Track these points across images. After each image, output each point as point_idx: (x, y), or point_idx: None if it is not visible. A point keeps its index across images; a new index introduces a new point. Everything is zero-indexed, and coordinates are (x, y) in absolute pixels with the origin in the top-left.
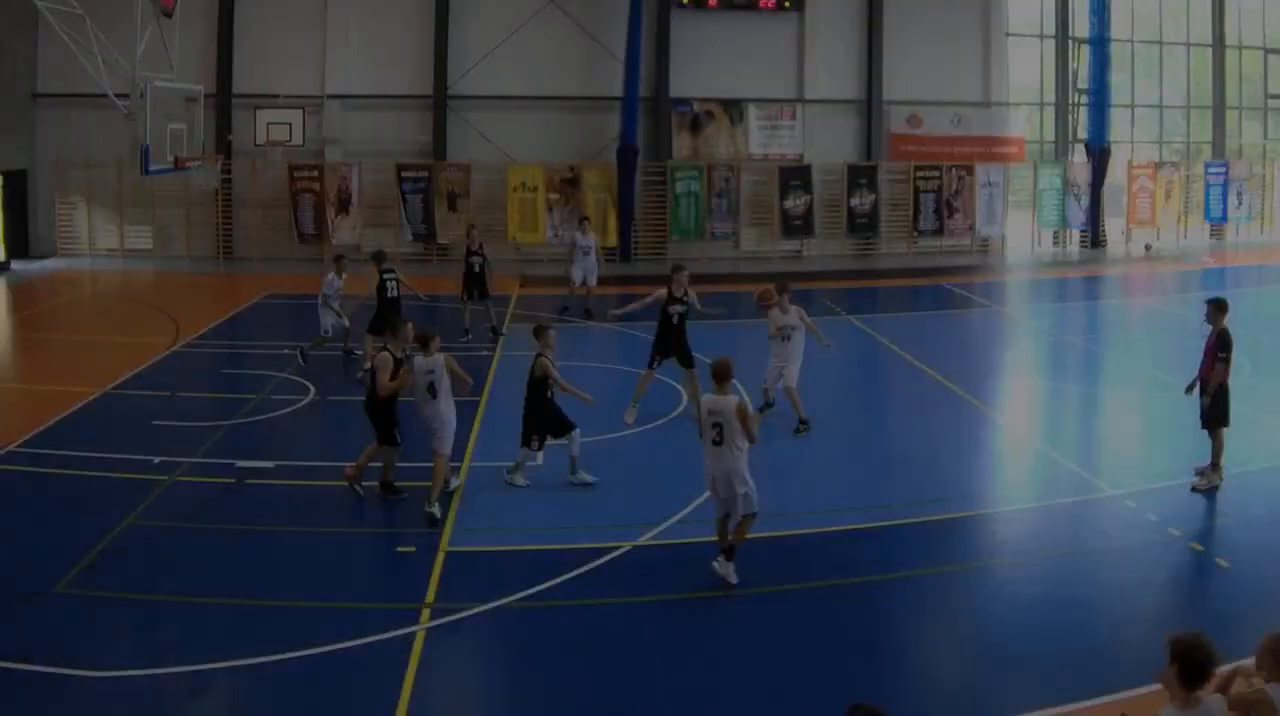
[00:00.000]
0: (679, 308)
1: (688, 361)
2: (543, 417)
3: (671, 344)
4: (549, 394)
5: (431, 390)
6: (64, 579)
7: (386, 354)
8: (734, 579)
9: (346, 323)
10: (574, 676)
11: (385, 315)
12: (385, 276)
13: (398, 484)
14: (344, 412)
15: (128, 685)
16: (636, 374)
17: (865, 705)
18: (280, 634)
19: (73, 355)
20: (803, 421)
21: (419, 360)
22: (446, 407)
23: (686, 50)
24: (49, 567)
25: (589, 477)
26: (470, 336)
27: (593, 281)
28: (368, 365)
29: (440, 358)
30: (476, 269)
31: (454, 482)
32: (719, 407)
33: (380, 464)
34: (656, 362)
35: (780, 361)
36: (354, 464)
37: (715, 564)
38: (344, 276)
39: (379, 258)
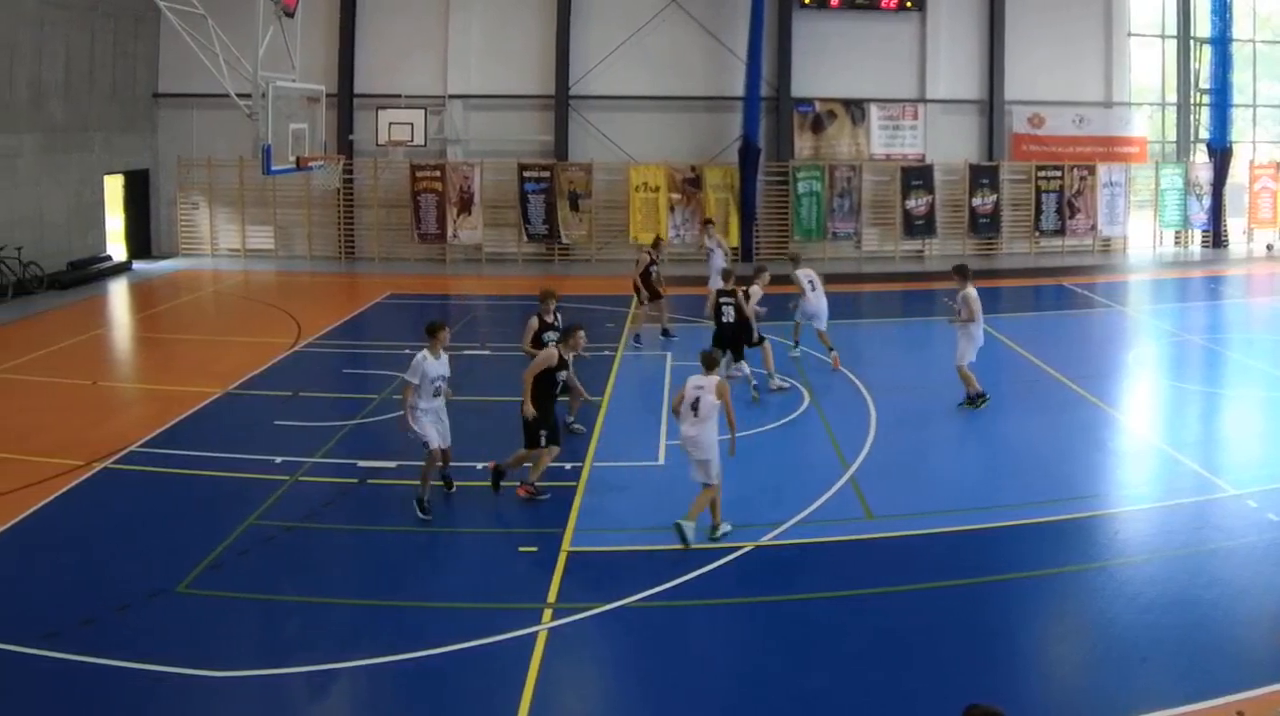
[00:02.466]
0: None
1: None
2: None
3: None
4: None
5: (695, 408)
6: (186, 579)
7: (554, 351)
8: None
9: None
10: (695, 676)
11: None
12: (722, 300)
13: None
14: (466, 412)
15: (249, 685)
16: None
17: (983, 705)
18: (402, 634)
19: (195, 355)
20: (969, 397)
21: (691, 378)
22: (704, 431)
23: (808, 50)
24: (170, 567)
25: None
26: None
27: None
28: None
29: (712, 380)
30: (655, 277)
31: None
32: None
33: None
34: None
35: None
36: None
37: None
38: (443, 356)
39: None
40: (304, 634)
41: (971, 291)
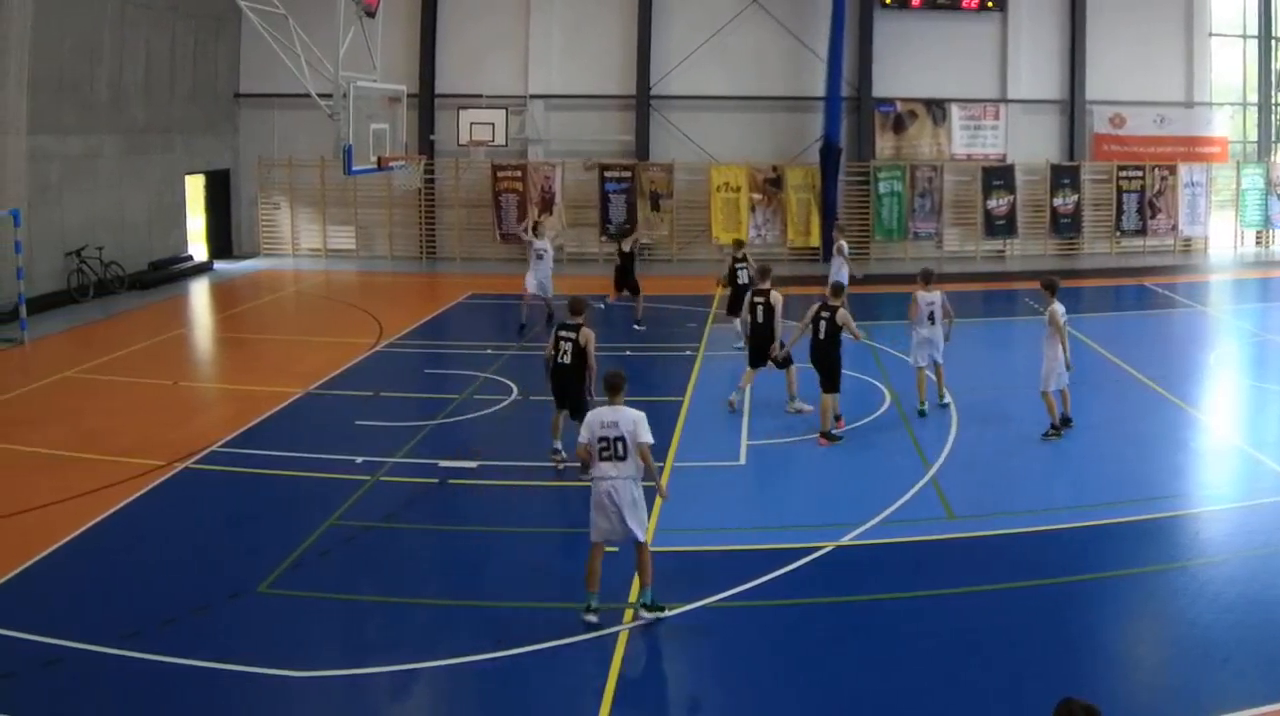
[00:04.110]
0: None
1: None
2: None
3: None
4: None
5: (931, 318)
6: (267, 579)
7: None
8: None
9: None
10: (776, 677)
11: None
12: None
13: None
14: (547, 412)
15: (330, 685)
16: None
17: (1077, 700)
18: (482, 634)
19: (276, 355)
20: (1052, 426)
21: (921, 293)
22: (937, 333)
23: (889, 50)
24: (251, 567)
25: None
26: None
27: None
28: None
29: (939, 294)
30: (743, 281)
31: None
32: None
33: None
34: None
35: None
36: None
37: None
38: None
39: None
40: (385, 634)
41: (1057, 308)
